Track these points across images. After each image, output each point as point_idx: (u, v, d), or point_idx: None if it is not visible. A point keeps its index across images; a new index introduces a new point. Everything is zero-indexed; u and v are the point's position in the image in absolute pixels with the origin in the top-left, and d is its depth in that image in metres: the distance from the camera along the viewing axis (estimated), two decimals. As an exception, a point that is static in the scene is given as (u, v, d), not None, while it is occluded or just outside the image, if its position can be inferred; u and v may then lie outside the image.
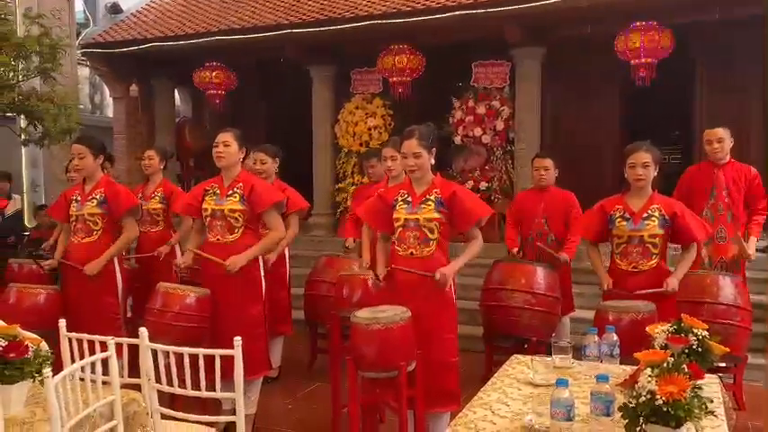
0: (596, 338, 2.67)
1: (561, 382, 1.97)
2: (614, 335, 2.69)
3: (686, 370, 1.83)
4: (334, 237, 8.18)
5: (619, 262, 3.72)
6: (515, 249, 4.86)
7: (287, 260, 5.01)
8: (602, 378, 1.98)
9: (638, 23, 6.35)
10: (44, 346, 2.38)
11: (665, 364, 1.86)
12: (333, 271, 4.76)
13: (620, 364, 2.66)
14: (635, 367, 2.36)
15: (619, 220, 3.71)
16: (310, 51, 8.02)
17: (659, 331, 2.47)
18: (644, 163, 3.60)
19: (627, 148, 3.72)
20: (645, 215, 3.64)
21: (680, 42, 6.45)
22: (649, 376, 1.82)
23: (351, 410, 3.29)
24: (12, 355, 2.20)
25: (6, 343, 2.22)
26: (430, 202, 3.35)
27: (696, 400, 1.78)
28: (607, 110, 8.28)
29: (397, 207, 3.42)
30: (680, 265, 3.71)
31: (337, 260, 4.95)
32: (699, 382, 1.85)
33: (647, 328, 2.56)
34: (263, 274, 3.97)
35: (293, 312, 5.11)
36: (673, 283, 3.56)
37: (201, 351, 2.51)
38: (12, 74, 6.33)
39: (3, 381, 2.11)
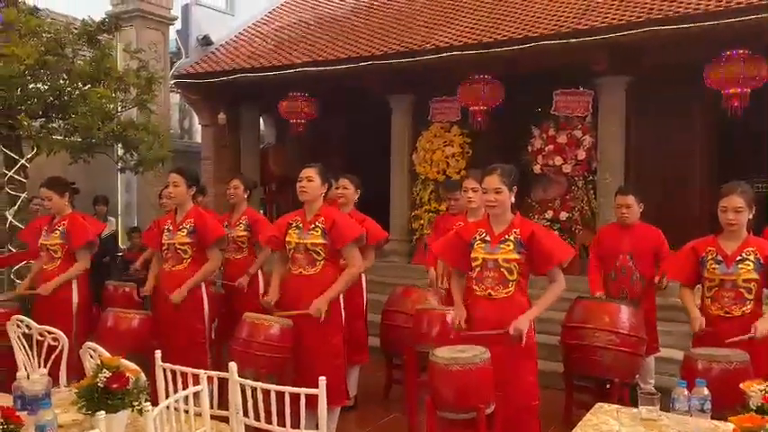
0: (686, 392, 2.57)
1: (650, 442, 1.92)
2: (705, 389, 2.57)
3: (786, 438, 1.76)
4: (409, 263, 8.26)
5: (710, 306, 3.57)
6: (599, 294, 4.64)
7: (364, 290, 5.06)
8: (693, 440, 1.92)
9: (735, 52, 6.10)
10: (142, 377, 2.53)
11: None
12: (409, 301, 4.81)
13: (711, 418, 2.55)
14: (726, 424, 2.27)
15: (710, 262, 3.56)
16: (390, 81, 8.14)
17: (755, 390, 2.35)
18: (736, 208, 3.45)
19: (721, 190, 3.57)
20: (738, 258, 3.49)
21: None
22: (745, 443, 1.75)
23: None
24: (115, 386, 2.36)
25: (110, 374, 2.38)
26: (509, 242, 3.33)
27: (797, 471, 1.70)
28: (695, 139, 7.95)
29: (475, 246, 3.40)
30: None
31: (413, 290, 4.99)
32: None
33: (741, 386, 2.45)
34: (342, 305, 4.07)
35: (369, 339, 5.17)
36: (762, 327, 3.32)
37: (288, 389, 2.59)
38: (111, 105, 6.76)
39: (107, 410, 2.27)
